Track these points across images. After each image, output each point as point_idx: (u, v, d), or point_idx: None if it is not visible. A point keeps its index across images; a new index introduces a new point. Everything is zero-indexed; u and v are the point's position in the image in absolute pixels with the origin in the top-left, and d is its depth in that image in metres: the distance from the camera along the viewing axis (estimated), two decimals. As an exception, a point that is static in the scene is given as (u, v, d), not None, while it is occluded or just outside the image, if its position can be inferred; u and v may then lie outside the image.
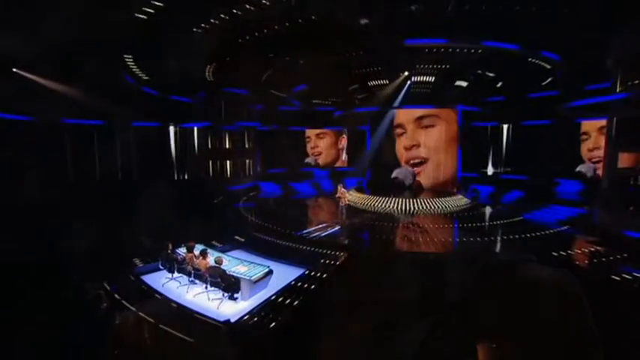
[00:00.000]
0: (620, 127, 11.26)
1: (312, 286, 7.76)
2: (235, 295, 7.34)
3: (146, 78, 16.25)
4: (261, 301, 7.09)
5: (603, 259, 9.46)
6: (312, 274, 8.63)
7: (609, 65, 11.26)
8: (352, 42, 11.65)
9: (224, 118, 21.73)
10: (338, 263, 9.46)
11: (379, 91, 19.22)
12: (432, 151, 21.37)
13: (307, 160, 26.91)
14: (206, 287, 7.45)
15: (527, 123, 19.40)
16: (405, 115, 21.86)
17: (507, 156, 20.56)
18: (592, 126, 16.86)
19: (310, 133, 26.61)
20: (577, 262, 9.44)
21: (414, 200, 16.65)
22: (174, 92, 19.70)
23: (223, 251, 10.03)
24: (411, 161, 21.64)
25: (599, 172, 16.29)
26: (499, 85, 18.31)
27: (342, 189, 14.24)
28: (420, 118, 21.39)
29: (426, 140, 21.41)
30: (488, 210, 16.41)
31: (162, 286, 8.00)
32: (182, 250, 8.54)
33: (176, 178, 21.49)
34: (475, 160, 21.29)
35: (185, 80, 17.33)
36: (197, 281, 7.76)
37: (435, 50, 12.30)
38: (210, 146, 22.36)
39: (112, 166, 17.62)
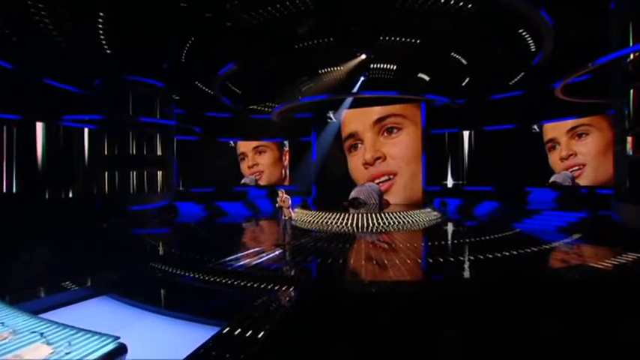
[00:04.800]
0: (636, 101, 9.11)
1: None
2: None
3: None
4: None
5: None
6: (236, 333, 4.06)
7: (614, 28, 9.35)
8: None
9: (128, 114, 16.31)
10: (284, 309, 5.03)
11: (328, 77, 15.70)
12: (402, 162, 17.54)
13: (244, 180, 21.23)
14: None
15: (489, 128, 17.53)
16: (356, 120, 18.12)
17: (470, 165, 18.29)
18: (559, 130, 14.88)
19: (245, 148, 20.96)
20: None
21: (379, 215, 13.05)
22: (48, 73, 14.01)
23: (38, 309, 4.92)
24: (377, 180, 17.73)
25: (580, 180, 14.39)
26: (465, 82, 16.28)
27: (285, 195, 9.93)
28: (380, 120, 17.58)
29: (391, 150, 17.55)
30: (469, 224, 13.36)
31: None
32: None
33: (47, 195, 15.03)
34: (434, 172, 18.65)
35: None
36: None
37: None
38: (106, 152, 16.52)
39: None
